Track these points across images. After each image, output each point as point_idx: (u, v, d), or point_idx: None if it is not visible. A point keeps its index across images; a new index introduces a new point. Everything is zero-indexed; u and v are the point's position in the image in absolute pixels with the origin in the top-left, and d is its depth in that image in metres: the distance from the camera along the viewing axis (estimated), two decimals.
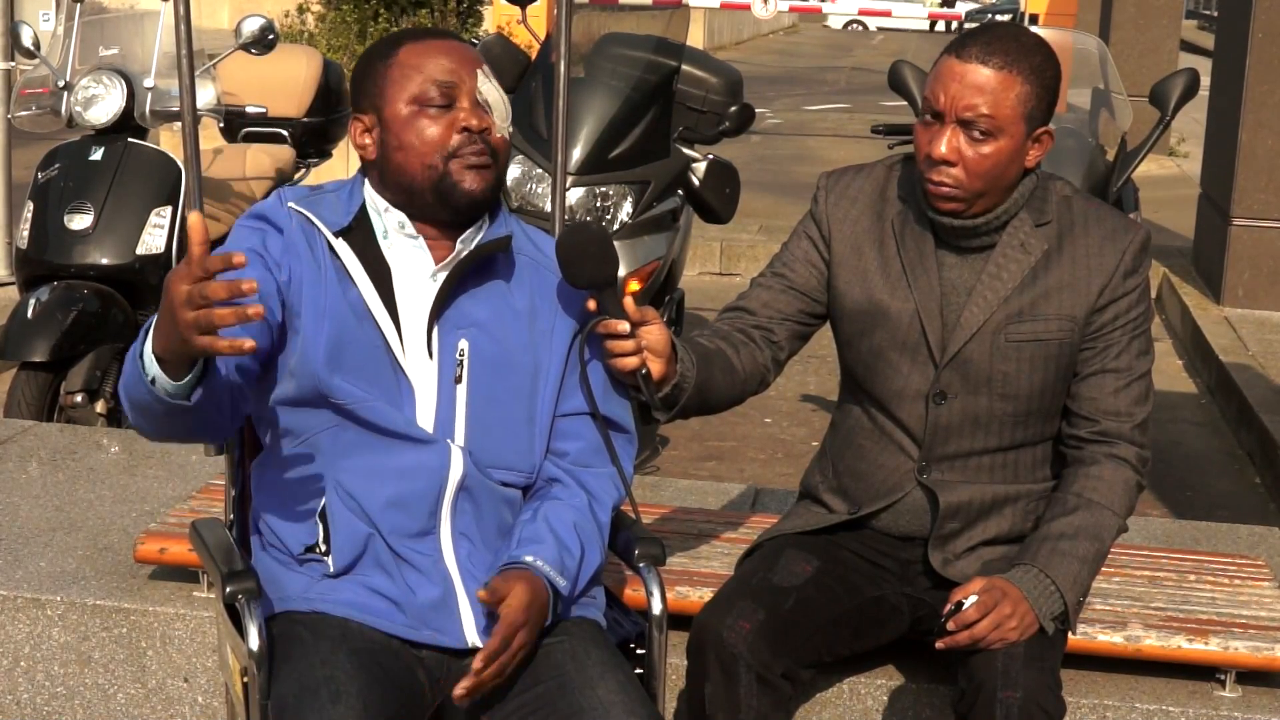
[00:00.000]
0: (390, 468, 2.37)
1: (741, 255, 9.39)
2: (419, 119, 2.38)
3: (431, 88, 2.37)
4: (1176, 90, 5.07)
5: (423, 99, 2.37)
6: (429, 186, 2.38)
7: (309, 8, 13.22)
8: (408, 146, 2.38)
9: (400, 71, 2.40)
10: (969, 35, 2.60)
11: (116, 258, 4.99)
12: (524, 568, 2.34)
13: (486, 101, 2.39)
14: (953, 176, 2.58)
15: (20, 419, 4.61)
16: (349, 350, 2.36)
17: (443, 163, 2.37)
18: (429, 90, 2.37)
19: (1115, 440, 2.69)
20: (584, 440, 2.50)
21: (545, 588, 2.34)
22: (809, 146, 14.60)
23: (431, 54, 2.40)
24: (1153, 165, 12.15)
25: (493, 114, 2.40)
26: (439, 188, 2.38)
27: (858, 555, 2.79)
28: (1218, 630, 2.99)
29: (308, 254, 2.38)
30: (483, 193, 2.39)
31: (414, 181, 2.39)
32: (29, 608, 3.27)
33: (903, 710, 2.96)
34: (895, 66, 5.31)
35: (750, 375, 2.74)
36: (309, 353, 2.34)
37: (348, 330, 2.36)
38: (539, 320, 2.48)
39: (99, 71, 5.25)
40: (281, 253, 2.37)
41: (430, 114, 2.37)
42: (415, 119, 2.38)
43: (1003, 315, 2.67)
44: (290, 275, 2.36)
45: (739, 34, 30.06)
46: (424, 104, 2.37)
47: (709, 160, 5.57)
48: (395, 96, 2.39)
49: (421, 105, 2.37)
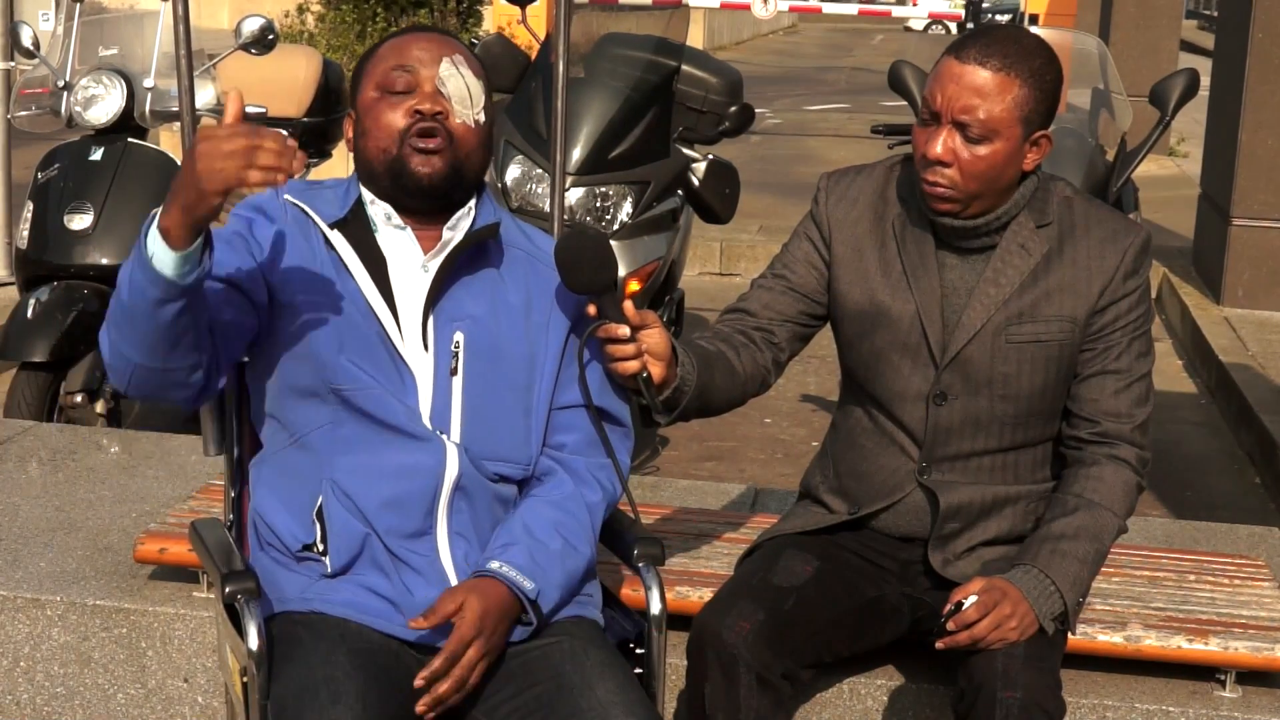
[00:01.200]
0: (386, 467, 2.37)
1: (741, 255, 9.39)
2: (380, 105, 2.42)
3: (393, 73, 2.42)
4: (1176, 90, 5.06)
5: (384, 85, 2.42)
6: (384, 169, 2.42)
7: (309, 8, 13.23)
8: (369, 131, 2.43)
9: (374, 63, 2.47)
10: (969, 36, 2.60)
11: (116, 258, 4.98)
12: (484, 575, 2.34)
13: (446, 87, 2.42)
14: (947, 177, 2.58)
15: (20, 419, 4.61)
16: (350, 339, 2.37)
17: (394, 146, 2.40)
18: (391, 75, 2.42)
19: (1116, 441, 2.69)
20: (580, 433, 2.51)
21: (507, 593, 2.33)
22: (809, 146, 14.61)
23: (403, 44, 2.46)
24: (1153, 165, 12.15)
25: (453, 100, 2.42)
26: (391, 170, 2.41)
27: (858, 555, 2.79)
28: (1218, 630, 2.99)
29: (303, 245, 2.40)
30: (432, 177, 2.40)
31: (374, 166, 2.43)
32: (29, 608, 3.27)
33: (903, 710, 2.95)
34: (895, 66, 5.30)
35: (751, 377, 2.74)
36: (314, 337, 2.36)
37: (348, 320, 2.38)
38: (534, 313, 2.49)
39: (99, 71, 5.25)
40: (269, 240, 2.39)
41: (390, 100, 2.42)
42: (377, 105, 2.43)
43: (1003, 316, 2.67)
44: (278, 261, 2.38)
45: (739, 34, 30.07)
46: (386, 90, 2.42)
47: (709, 160, 5.57)
48: (366, 85, 2.46)
49: (383, 91, 2.43)
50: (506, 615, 2.34)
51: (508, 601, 2.34)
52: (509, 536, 2.40)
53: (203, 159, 2.07)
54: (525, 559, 2.37)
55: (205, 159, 2.07)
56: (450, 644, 2.27)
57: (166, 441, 4.30)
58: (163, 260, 2.13)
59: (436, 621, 2.28)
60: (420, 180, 2.40)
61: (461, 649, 2.27)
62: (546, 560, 2.39)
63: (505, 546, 2.38)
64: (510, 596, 2.34)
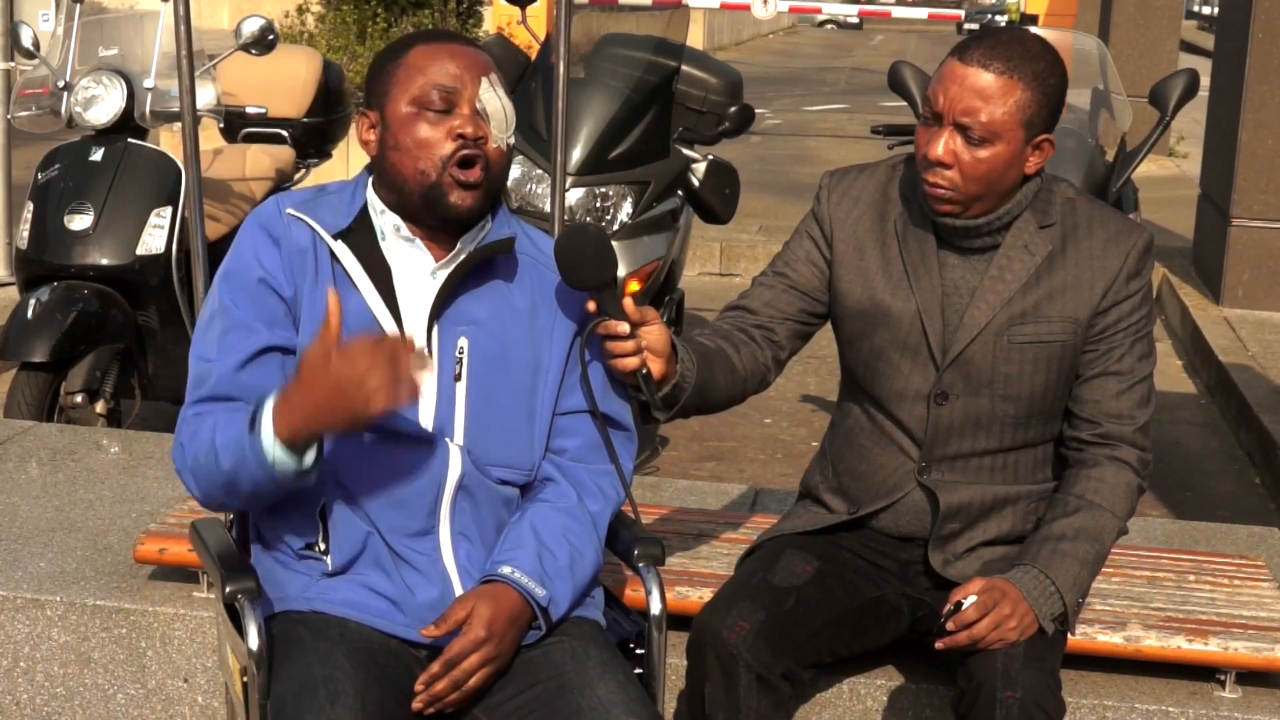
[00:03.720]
0: (389, 466, 2.37)
1: (741, 255, 9.39)
2: (417, 121, 2.37)
3: (432, 91, 2.36)
4: (1176, 90, 5.06)
5: (423, 101, 2.37)
6: (419, 191, 2.38)
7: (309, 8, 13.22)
8: (403, 147, 2.37)
9: (406, 72, 2.39)
10: (974, 38, 2.59)
11: (116, 258, 4.99)
12: (495, 580, 2.34)
13: (485, 110, 2.38)
14: (948, 179, 2.58)
15: (20, 419, 4.61)
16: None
17: (435, 171, 2.36)
18: (430, 93, 2.36)
19: (1117, 443, 2.69)
20: (583, 438, 2.50)
21: (519, 598, 2.33)
22: (809, 147, 14.61)
23: (438, 57, 2.39)
24: (1153, 165, 12.16)
25: (490, 123, 2.38)
26: (428, 195, 2.37)
27: (858, 555, 2.79)
28: (1217, 630, 2.99)
29: (308, 261, 2.39)
30: (469, 210, 2.38)
31: (405, 183, 2.38)
32: (29, 608, 3.27)
33: (903, 710, 2.96)
34: (895, 67, 5.31)
35: (751, 375, 2.74)
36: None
37: (351, 333, 2.37)
38: (539, 318, 2.48)
39: (99, 72, 5.25)
40: (281, 268, 2.38)
41: (428, 117, 2.36)
42: (413, 121, 2.37)
43: (1005, 317, 2.66)
44: (294, 288, 2.38)
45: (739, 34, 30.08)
46: (423, 106, 2.37)
47: (709, 161, 5.58)
48: (398, 96, 2.39)
49: (421, 108, 2.37)
50: (516, 621, 2.33)
51: (518, 608, 2.33)
52: (518, 539, 2.40)
53: (351, 392, 2.13)
54: (535, 565, 2.36)
55: (353, 392, 2.13)
56: (454, 646, 2.27)
57: (166, 441, 4.30)
58: (288, 463, 2.21)
59: (448, 628, 2.28)
60: (459, 214, 2.38)
61: (463, 654, 2.27)
62: (555, 568, 2.38)
63: (515, 550, 2.38)
64: (521, 602, 2.33)
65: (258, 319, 2.35)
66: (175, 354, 5.12)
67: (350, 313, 2.37)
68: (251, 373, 2.34)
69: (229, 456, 2.25)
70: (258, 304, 2.36)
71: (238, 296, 2.36)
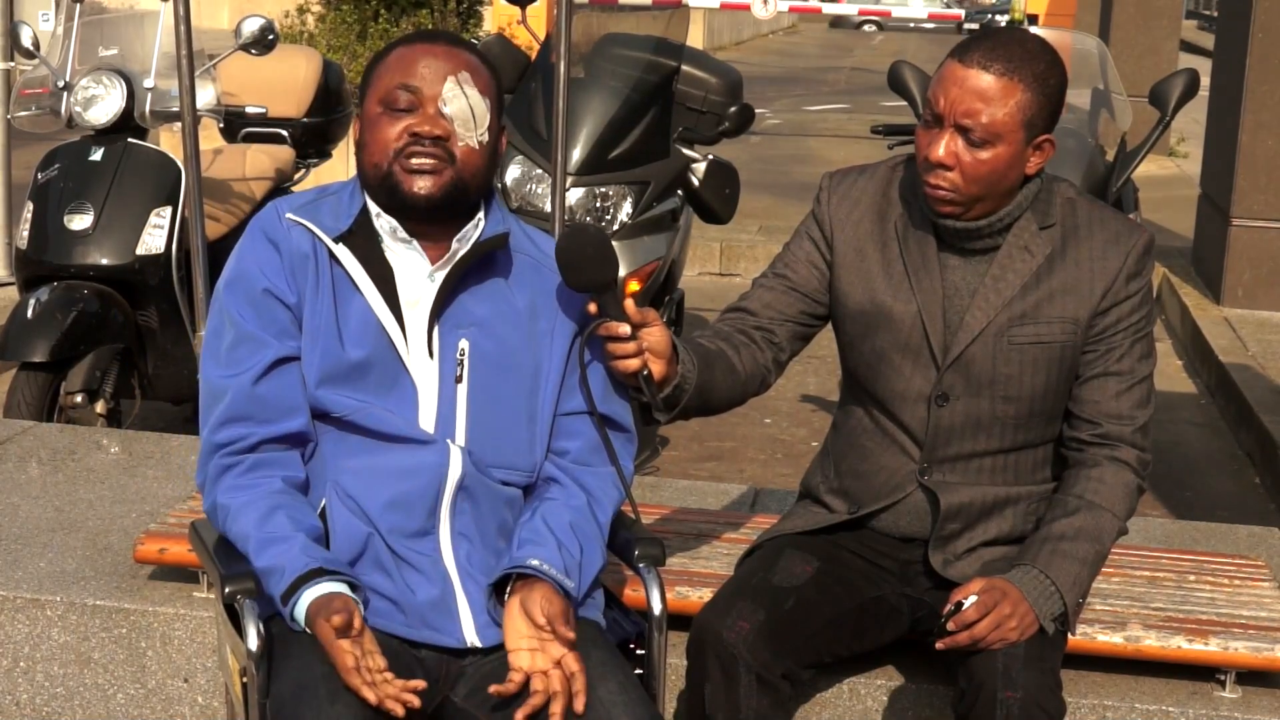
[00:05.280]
0: (390, 468, 2.37)
1: (741, 255, 9.39)
2: (381, 119, 2.41)
3: (397, 91, 2.39)
4: (1176, 90, 5.06)
5: (388, 101, 2.40)
6: (377, 184, 2.41)
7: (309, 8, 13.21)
8: (367, 144, 2.42)
9: (379, 73, 2.44)
10: (974, 39, 2.59)
11: (116, 258, 4.99)
12: (524, 573, 2.34)
13: (447, 108, 2.39)
14: (949, 180, 2.58)
15: (20, 419, 4.61)
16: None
17: (386, 162, 2.39)
18: (394, 93, 2.39)
19: (1117, 443, 2.69)
20: (584, 439, 2.50)
21: (557, 591, 2.34)
22: (809, 147, 14.61)
23: (411, 58, 2.42)
24: (1153, 165, 12.15)
25: (454, 123, 2.39)
26: (385, 186, 2.40)
27: (858, 556, 2.79)
28: (1217, 630, 2.99)
29: (309, 266, 2.39)
30: (429, 194, 2.38)
31: (369, 179, 2.42)
32: (29, 608, 3.27)
33: (903, 710, 2.95)
34: (895, 67, 5.30)
35: (751, 376, 2.74)
36: (305, 367, 2.37)
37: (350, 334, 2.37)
38: (539, 319, 2.48)
39: (99, 72, 5.25)
40: (283, 276, 2.39)
41: (390, 116, 2.40)
42: (378, 120, 2.41)
43: (1006, 318, 2.66)
44: (298, 295, 2.39)
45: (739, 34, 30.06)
46: (389, 106, 2.40)
47: (709, 160, 5.58)
48: (371, 96, 2.43)
49: (386, 107, 2.40)
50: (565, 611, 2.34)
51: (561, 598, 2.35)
52: (536, 534, 2.40)
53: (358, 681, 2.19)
54: (557, 558, 2.37)
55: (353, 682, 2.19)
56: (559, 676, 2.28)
57: (166, 441, 4.30)
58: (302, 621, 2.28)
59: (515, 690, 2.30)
60: (417, 199, 2.38)
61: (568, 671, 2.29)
62: (571, 562, 2.39)
63: (535, 544, 2.37)
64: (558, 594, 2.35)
65: (265, 330, 2.36)
66: (175, 354, 5.13)
67: (353, 315, 2.38)
68: (266, 387, 2.35)
69: (244, 547, 2.32)
70: (264, 315, 2.37)
71: (244, 308, 2.37)
